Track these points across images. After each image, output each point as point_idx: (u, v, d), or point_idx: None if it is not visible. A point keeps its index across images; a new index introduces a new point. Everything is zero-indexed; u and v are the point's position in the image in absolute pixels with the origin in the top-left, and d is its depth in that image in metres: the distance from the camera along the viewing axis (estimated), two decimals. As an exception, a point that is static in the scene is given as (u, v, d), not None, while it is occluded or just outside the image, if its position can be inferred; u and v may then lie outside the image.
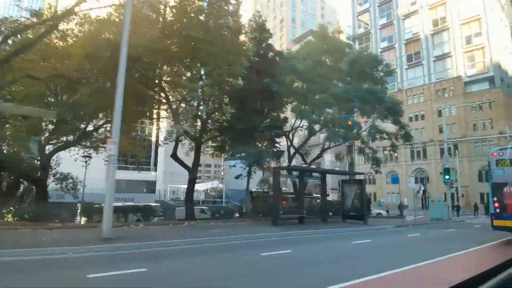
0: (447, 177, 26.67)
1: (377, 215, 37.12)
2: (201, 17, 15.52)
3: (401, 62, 59.80)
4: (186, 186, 52.48)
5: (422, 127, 55.66)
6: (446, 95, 53.64)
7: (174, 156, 18.76)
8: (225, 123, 19.12)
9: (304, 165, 26.56)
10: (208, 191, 56.02)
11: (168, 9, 15.47)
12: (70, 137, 18.81)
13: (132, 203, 28.91)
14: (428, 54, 56.65)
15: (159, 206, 29.55)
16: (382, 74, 25.26)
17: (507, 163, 10.45)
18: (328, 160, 52.30)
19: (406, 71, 59.33)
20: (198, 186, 49.07)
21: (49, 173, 18.71)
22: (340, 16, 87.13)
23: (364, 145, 26.82)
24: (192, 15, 15.23)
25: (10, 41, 14.07)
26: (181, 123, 17.03)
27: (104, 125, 19.80)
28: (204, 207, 27.92)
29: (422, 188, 41.38)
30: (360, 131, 25.04)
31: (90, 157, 23.57)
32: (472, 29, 52.28)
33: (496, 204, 10.26)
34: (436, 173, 52.95)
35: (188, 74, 17.59)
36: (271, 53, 20.11)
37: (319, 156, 28.83)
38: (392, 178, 27.82)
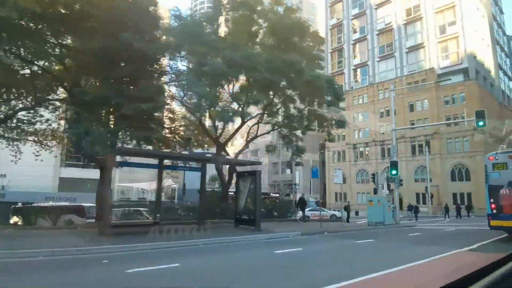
0: (393, 172, 22.44)
1: (331, 217, 32.94)
2: None
3: (373, 55, 55.90)
4: (140, 185, 48.10)
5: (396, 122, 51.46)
6: (418, 88, 49.71)
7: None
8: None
9: (228, 157, 22.01)
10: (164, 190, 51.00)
11: None
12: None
13: (67, 203, 25.51)
14: (400, 45, 52.79)
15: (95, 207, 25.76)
16: (311, 45, 20.92)
17: (502, 167, 10.98)
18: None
19: (378, 63, 55.42)
20: (145, 185, 44.18)
21: None
22: (319, 12, 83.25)
23: (286, 131, 22.44)
24: None
25: None
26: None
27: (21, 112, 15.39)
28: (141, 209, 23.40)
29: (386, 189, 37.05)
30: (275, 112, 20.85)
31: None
32: (446, 18, 48.56)
33: (493, 206, 10.70)
34: (408, 172, 48.90)
35: None
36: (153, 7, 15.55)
37: (245, 147, 24.44)
38: (312, 172, 23.01)
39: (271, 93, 19.43)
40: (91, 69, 13.58)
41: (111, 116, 14.81)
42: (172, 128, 20.43)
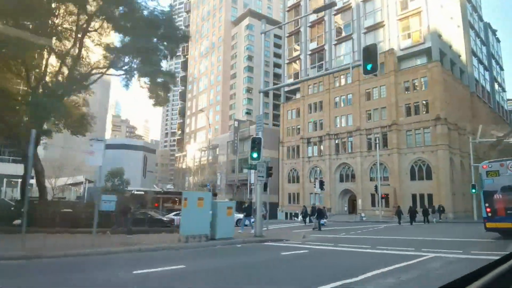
0: (254, 155, 15.54)
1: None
2: None
3: (330, 38, 49.31)
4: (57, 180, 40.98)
5: (349, 113, 44.96)
6: (376, 74, 43.03)
7: None
8: None
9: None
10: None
11: None
12: None
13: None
14: (359, 26, 46.29)
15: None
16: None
17: (495, 174, 11.64)
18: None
19: (335, 47, 48.81)
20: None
21: None
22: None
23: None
24: None
25: None
26: None
27: None
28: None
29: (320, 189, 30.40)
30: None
31: None
32: (409, -8, 42.10)
33: (488, 209, 11.20)
34: (363, 169, 42.18)
35: None
36: None
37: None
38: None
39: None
40: None
41: None
42: None
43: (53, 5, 14.38)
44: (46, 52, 15.48)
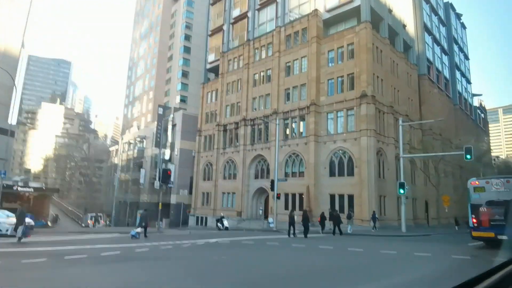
0: None
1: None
2: None
3: (254, 2, 40.12)
4: None
5: (267, 93, 35.78)
6: (298, 43, 34.06)
7: None
8: None
9: None
10: None
11: None
12: None
13: None
14: (284, -14, 37.23)
15: None
16: None
17: (481, 190, 12.79)
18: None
19: (258, 13, 39.63)
20: None
21: None
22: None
23: None
24: None
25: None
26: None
27: None
28: None
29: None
30: None
31: None
32: None
33: (474, 220, 12.55)
34: (278, 163, 32.94)
35: None
36: None
37: None
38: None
39: None
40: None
41: None
42: None
43: None
44: None
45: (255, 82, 37.37)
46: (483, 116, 63.96)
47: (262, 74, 36.84)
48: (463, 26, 59.05)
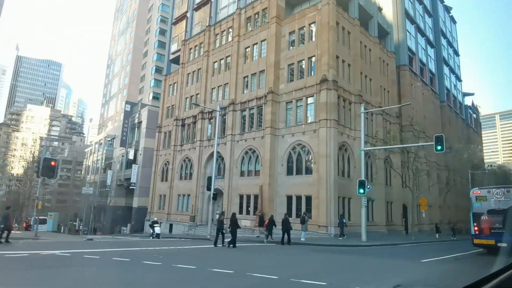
0: None
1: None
2: None
3: (218, -15, 36.54)
4: None
5: (226, 83, 31.94)
6: (258, 25, 30.31)
7: None
8: None
9: None
10: None
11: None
12: None
13: None
14: (248, -35, 33.61)
15: None
16: None
17: (483, 199, 13.07)
18: None
19: (221, -4, 36.04)
20: None
21: None
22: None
23: None
24: None
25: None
26: None
27: None
28: None
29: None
30: None
31: None
32: None
33: (476, 228, 12.96)
34: (233, 160, 29.24)
35: None
36: None
37: None
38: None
39: None
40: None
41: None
42: None
43: None
44: None
45: (214, 71, 33.56)
46: (475, 117, 59.95)
47: (221, 62, 33.05)
48: (452, 20, 55.48)
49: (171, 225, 33.72)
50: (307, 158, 24.60)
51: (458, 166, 40.68)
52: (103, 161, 59.68)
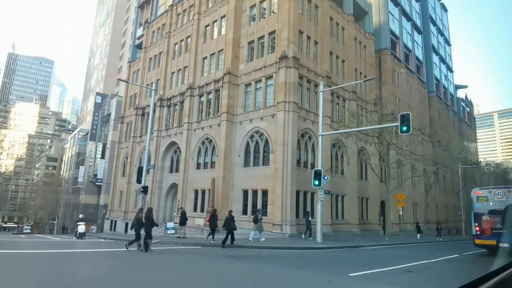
0: None
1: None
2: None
3: (183, -38, 33.41)
4: None
5: (185, 66, 28.85)
6: (218, 0, 27.20)
7: None
8: None
9: None
10: None
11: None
12: None
13: None
14: None
15: None
16: None
17: (484, 199, 12.89)
18: None
19: (185, -27, 32.88)
20: None
21: None
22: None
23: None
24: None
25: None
26: None
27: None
28: None
29: None
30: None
31: None
32: None
33: (477, 228, 12.78)
34: (189, 151, 26.13)
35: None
36: None
37: None
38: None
39: None
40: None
41: None
42: None
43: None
44: None
45: (175, 54, 30.48)
46: (468, 110, 56.71)
47: (182, 43, 29.97)
48: (443, 7, 52.33)
49: (126, 224, 30.65)
50: (264, 147, 21.49)
51: (448, 161, 37.57)
52: (76, 157, 56.68)
